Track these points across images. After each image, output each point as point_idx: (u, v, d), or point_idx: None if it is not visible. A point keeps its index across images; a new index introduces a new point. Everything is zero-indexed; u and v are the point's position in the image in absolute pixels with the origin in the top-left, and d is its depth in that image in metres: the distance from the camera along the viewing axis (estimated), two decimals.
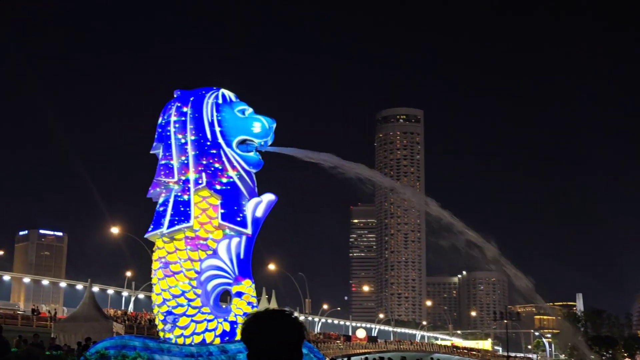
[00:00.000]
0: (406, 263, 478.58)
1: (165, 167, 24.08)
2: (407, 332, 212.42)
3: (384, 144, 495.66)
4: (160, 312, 23.70)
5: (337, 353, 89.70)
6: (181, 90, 25.10)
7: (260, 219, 24.35)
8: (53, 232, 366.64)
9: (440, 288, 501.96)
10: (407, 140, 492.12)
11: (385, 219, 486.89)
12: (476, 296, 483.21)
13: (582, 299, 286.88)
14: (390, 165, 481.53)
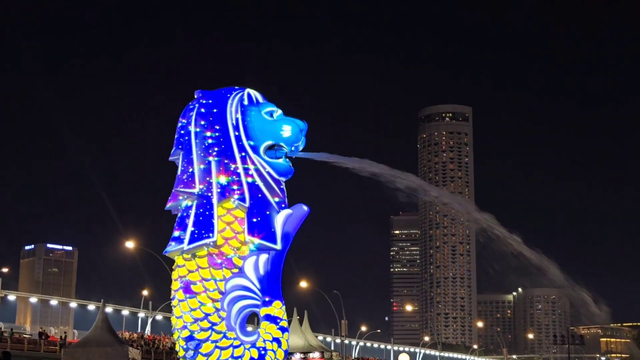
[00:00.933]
0: (454, 279, 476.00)
1: (186, 177, 24.19)
2: (455, 357, 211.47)
3: (427, 146, 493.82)
4: (181, 337, 23.83)
5: None
6: (202, 91, 25.18)
7: (291, 233, 24.40)
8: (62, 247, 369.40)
9: (493, 307, 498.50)
10: (454, 141, 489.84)
11: (430, 230, 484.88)
12: (534, 316, 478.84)
13: None
14: (435, 169, 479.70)
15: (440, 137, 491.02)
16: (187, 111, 24.84)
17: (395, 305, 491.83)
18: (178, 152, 24.71)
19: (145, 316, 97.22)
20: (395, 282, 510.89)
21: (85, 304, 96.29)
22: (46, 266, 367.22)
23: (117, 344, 47.06)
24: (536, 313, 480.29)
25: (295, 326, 66.29)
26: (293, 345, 57.00)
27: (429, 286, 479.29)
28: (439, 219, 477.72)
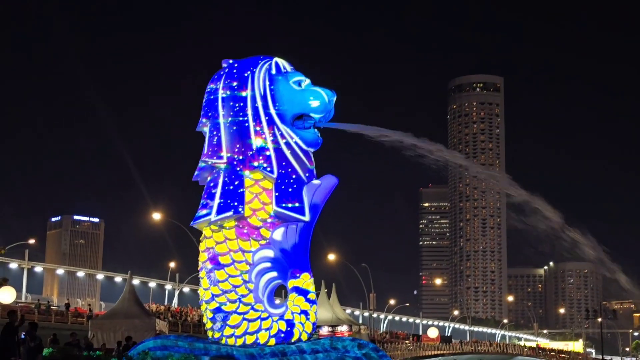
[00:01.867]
0: (484, 252, 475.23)
1: (213, 146, 24.22)
2: (485, 332, 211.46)
3: (457, 117, 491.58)
4: (208, 309, 23.93)
5: (406, 355, 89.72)
6: (229, 60, 25.13)
7: (319, 204, 24.34)
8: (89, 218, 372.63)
9: (524, 281, 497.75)
10: (485, 112, 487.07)
11: (460, 202, 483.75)
12: (565, 291, 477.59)
13: None
14: (466, 141, 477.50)
15: (470, 108, 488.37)
16: (215, 79, 24.84)
17: (424, 278, 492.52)
18: (205, 122, 24.70)
19: (173, 288, 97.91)
20: (425, 256, 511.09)
21: (112, 276, 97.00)
22: (73, 238, 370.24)
23: (144, 316, 47.32)
24: (568, 287, 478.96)
25: (324, 299, 66.45)
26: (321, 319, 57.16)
27: (458, 259, 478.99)
28: (468, 192, 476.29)
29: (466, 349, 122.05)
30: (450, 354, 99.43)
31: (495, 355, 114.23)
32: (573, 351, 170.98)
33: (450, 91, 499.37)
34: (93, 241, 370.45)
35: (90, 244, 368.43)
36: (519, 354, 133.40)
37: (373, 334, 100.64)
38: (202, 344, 23.54)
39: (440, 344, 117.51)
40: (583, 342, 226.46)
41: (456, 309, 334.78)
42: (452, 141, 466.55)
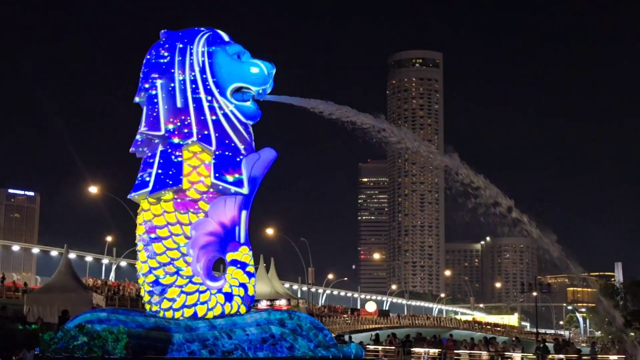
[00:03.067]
0: (422, 228, 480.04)
1: (151, 118, 24.04)
2: (422, 306, 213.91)
3: (397, 92, 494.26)
4: (146, 282, 23.82)
5: (344, 329, 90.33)
6: (168, 31, 24.88)
7: (258, 177, 24.35)
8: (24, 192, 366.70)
9: (461, 256, 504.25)
10: (424, 88, 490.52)
11: (399, 178, 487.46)
12: (501, 265, 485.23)
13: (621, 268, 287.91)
14: (405, 116, 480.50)
15: (410, 84, 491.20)
16: (152, 50, 24.59)
17: (362, 253, 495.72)
18: (143, 94, 24.48)
19: (110, 262, 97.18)
20: (363, 231, 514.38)
21: (48, 250, 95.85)
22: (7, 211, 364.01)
23: (81, 290, 46.95)
24: (504, 262, 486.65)
25: (262, 273, 66.59)
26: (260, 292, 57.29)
27: (396, 234, 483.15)
28: (407, 167, 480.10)
29: (403, 322, 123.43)
30: (387, 328, 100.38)
31: (432, 329, 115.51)
32: (508, 325, 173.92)
33: (390, 66, 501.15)
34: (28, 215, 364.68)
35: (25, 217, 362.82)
36: (455, 327, 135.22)
37: (311, 308, 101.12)
38: (140, 317, 23.48)
39: (378, 318, 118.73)
40: (518, 315, 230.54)
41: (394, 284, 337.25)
42: (391, 116, 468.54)
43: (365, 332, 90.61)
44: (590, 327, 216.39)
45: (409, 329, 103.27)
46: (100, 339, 21.84)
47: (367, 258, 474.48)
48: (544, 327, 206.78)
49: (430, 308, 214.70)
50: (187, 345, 22.66)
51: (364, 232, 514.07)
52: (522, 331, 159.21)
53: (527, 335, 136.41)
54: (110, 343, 21.83)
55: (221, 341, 22.78)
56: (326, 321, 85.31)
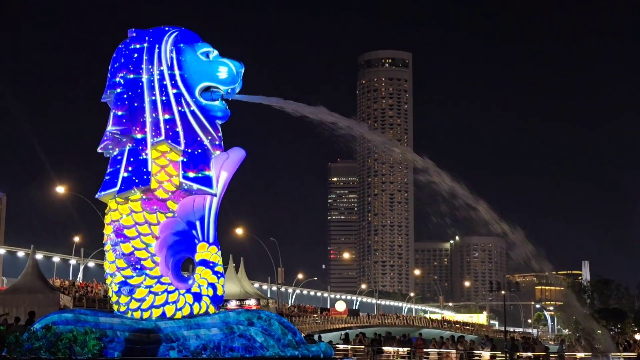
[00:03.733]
0: (392, 227, 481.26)
1: (119, 118, 23.88)
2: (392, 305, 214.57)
3: (367, 92, 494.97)
4: (114, 283, 23.69)
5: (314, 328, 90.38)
6: (136, 30, 24.78)
7: (227, 177, 24.31)
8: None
9: (430, 255, 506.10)
10: (394, 88, 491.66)
11: (369, 177, 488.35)
12: (470, 264, 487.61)
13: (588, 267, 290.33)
14: (375, 116, 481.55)
15: (379, 84, 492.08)
16: (120, 50, 24.45)
17: (332, 253, 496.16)
18: (111, 93, 24.35)
19: (77, 263, 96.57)
20: (333, 230, 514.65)
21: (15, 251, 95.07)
22: None
23: (48, 291, 46.64)
24: (473, 261, 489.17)
25: (232, 273, 66.55)
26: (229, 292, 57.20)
27: (366, 234, 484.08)
28: (377, 167, 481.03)
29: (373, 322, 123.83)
30: (357, 327, 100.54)
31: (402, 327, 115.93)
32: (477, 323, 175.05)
33: (360, 66, 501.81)
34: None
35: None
36: (424, 326, 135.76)
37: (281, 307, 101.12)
38: (108, 318, 23.35)
39: (348, 318, 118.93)
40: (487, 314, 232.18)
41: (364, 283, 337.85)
42: (361, 116, 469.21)
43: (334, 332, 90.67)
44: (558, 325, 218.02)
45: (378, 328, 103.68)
46: (67, 340, 21.69)
47: (336, 257, 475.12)
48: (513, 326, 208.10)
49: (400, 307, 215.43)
50: (155, 346, 22.56)
51: (333, 231, 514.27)
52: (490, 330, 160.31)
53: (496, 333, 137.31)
54: (77, 344, 21.68)
55: (190, 342, 22.70)
56: (296, 321, 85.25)
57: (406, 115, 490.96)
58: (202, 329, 22.98)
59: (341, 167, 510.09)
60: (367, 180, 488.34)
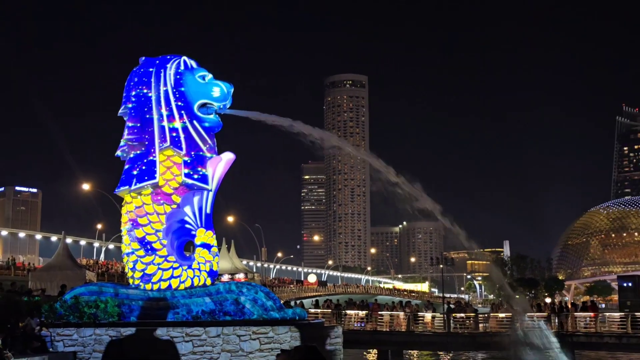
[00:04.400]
0: (352, 215, 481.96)
1: (132, 128, 23.82)
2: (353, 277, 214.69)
3: (332, 107, 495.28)
4: (129, 261, 23.63)
5: (291, 296, 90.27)
6: (146, 58, 24.75)
7: (220, 175, 24.29)
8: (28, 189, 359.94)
9: (383, 237, 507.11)
10: (353, 104, 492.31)
11: (334, 175, 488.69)
12: (415, 244, 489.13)
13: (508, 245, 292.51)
14: (338, 126, 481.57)
15: (342, 100, 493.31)
16: (133, 73, 24.41)
17: (305, 236, 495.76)
18: (126, 108, 24.27)
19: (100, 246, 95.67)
20: (305, 218, 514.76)
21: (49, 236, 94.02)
22: (15, 205, 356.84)
23: (76, 268, 46.13)
24: (417, 241, 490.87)
25: (224, 252, 66.13)
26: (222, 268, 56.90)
27: (332, 221, 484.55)
28: (340, 167, 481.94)
29: (338, 290, 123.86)
30: (325, 295, 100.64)
31: (361, 295, 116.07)
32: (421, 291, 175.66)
33: (326, 86, 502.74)
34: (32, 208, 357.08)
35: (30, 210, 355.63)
36: (379, 294, 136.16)
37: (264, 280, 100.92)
38: (125, 289, 23.26)
39: (318, 287, 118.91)
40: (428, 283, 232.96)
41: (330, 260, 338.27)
42: (327, 127, 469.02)
43: (307, 299, 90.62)
44: (485, 291, 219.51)
45: (342, 295, 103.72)
46: (91, 307, 21.56)
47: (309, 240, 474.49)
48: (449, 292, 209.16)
49: (359, 278, 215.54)
50: (164, 312, 22.48)
51: (306, 219, 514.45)
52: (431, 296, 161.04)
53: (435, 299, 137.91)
54: (99, 310, 21.55)
55: (192, 307, 22.63)
56: (276, 290, 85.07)
57: (363, 125, 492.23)
58: (201, 298, 22.93)
59: (312, 167, 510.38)
60: (333, 177, 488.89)
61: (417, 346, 47.57)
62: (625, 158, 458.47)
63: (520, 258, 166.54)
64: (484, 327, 43.81)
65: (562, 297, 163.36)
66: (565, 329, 41.65)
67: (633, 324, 40.21)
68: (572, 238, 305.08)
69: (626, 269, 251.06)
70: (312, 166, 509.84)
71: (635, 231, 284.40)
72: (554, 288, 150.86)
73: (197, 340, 21.09)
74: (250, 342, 21.33)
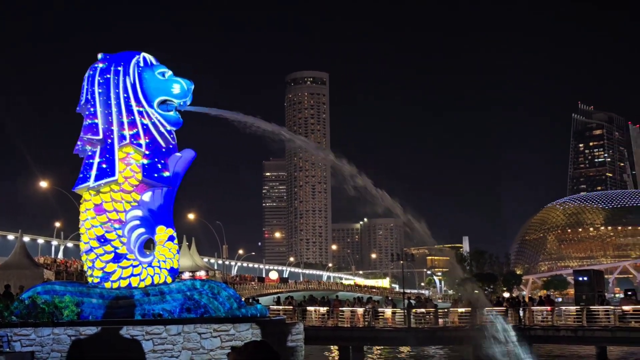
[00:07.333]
0: (314, 211, 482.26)
1: (91, 125, 23.51)
2: (314, 273, 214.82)
3: (293, 104, 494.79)
4: (88, 259, 23.34)
5: (252, 293, 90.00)
6: (105, 54, 24.42)
7: (180, 173, 24.11)
8: None
9: (344, 234, 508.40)
10: (314, 101, 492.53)
11: (295, 172, 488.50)
12: (376, 240, 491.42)
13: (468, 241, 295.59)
14: (299, 123, 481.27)
15: (303, 97, 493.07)
16: (92, 70, 24.05)
17: (266, 233, 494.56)
18: (84, 105, 23.94)
19: (58, 244, 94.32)
20: (267, 214, 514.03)
21: (5, 235, 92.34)
22: None
23: (34, 267, 45.43)
24: (378, 238, 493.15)
25: (185, 250, 65.77)
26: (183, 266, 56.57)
27: (293, 217, 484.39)
28: (301, 164, 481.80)
29: (299, 287, 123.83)
30: (287, 292, 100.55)
31: (322, 291, 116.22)
32: (382, 287, 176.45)
33: (287, 84, 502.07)
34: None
35: None
36: (340, 290, 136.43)
37: (226, 277, 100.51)
38: (84, 288, 22.96)
39: (279, 284, 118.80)
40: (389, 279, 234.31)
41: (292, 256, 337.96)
42: (288, 124, 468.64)
43: (269, 296, 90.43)
44: (444, 287, 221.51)
45: (303, 292, 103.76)
46: (50, 306, 21.25)
47: (270, 236, 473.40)
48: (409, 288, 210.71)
49: (321, 275, 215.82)
50: (123, 310, 22.25)
51: (267, 215, 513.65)
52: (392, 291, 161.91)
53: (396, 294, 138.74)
54: (57, 310, 21.25)
55: (153, 306, 22.44)
56: (238, 287, 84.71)
57: (324, 122, 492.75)
58: (162, 296, 22.76)
59: (273, 164, 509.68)
60: (294, 174, 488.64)
61: (377, 341, 47.82)
62: (581, 155, 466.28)
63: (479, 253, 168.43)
64: (444, 322, 44.21)
65: (520, 291, 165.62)
66: (523, 323, 42.25)
67: (588, 317, 40.97)
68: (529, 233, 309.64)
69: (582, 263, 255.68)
70: (274, 163, 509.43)
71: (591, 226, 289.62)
72: (512, 283, 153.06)
73: (157, 338, 20.92)
74: (211, 339, 21.23)
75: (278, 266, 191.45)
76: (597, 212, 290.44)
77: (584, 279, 52.89)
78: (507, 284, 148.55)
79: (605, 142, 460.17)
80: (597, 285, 52.96)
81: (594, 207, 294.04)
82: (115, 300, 22.43)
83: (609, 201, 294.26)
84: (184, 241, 67.09)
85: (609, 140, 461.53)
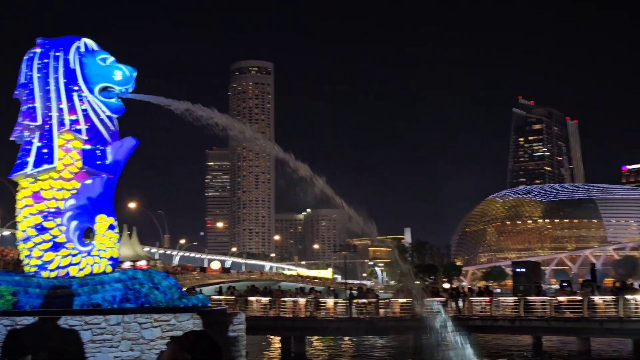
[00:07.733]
0: (257, 201, 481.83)
1: (29, 110, 23.03)
2: (257, 264, 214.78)
3: (237, 94, 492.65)
4: (25, 248, 22.89)
5: (194, 283, 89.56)
6: (43, 39, 23.92)
7: (121, 161, 23.80)
8: None
9: (288, 224, 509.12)
10: (259, 91, 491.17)
11: (239, 162, 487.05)
12: (319, 231, 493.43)
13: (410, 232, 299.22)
14: (243, 113, 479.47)
15: (247, 87, 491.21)
16: (30, 54, 23.55)
17: (209, 222, 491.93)
18: (22, 90, 23.44)
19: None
20: (209, 204, 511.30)
21: None
22: None
23: None
24: (321, 228, 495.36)
25: (126, 239, 65.12)
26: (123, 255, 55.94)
27: (236, 207, 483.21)
28: (245, 153, 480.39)
29: (242, 277, 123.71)
30: (229, 282, 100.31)
31: (265, 282, 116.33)
32: (324, 277, 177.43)
33: (232, 73, 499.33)
34: None
35: None
36: (283, 280, 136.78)
37: (167, 267, 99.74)
38: (21, 277, 22.51)
39: (221, 274, 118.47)
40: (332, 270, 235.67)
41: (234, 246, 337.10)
42: (232, 113, 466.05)
43: (211, 286, 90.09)
44: (386, 277, 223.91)
45: (246, 282, 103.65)
46: None
47: (212, 226, 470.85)
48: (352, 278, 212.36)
49: (263, 265, 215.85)
50: (62, 299, 21.89)
51: (210, 205, 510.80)
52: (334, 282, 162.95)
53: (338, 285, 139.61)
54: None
55: (92, 295, 22.14)
56: (179, 277, 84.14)
57: (269, 112, 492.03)
58: (101, 285, 22.47)
59: (216, 153, 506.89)
60: (237, 164, 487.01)
61: (319, 332, 48.12)
62: (520, 149, 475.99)
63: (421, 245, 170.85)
64: (385, 313, 44.73)
65: (460, 282, 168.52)
66: (462, 313, 43.04)
67: (525, 308, 41.98)
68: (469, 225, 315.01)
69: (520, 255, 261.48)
70: (217, 152, 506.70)
71: (529, 219, 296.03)
72: (452, 274, 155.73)
73: (96, 328, 20.63)
74: (151, 329, 21.04)
75: (220, 256, 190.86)
76: (536, 205, 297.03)
77: (522, 270, 54.19)
78: (448, 275, 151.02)
79: (544, 137, 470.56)
80: (534, 277, 54.32)
81: (532, 200, 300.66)
82: (53, 289, 22.04)
83: (547, 195, 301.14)
84: (125, 230, 66.44)
85: (548, 135, 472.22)
